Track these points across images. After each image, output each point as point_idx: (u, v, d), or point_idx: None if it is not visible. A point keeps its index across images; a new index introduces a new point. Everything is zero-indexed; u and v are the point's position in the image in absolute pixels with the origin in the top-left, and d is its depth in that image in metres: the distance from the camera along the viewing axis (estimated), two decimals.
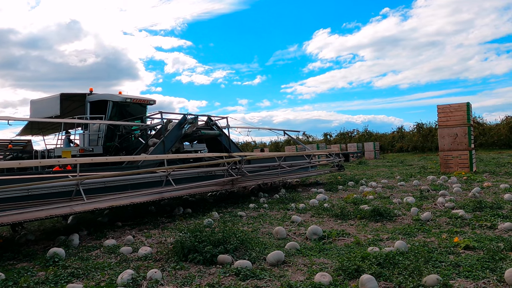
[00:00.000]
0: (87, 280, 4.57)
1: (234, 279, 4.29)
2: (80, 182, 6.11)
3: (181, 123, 10.21)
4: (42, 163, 6.11)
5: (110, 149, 11.25)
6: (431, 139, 38.33)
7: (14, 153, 12.56)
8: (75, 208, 5.71)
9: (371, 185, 11.87)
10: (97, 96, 11.85)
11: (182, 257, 5.05)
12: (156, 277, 4.40)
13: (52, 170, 7.46)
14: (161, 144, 9.41)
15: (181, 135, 10.25)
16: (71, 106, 12.06)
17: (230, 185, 9.29)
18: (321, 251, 5.19)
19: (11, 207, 5.44)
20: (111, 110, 11.45)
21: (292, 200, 9.61)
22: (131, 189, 6.92)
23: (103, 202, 6.28)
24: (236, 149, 12.14)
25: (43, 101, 11.82)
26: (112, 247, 5.96)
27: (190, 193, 8.32)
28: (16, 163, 6.28)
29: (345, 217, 7.23)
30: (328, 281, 3.89)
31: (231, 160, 9.40)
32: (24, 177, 5.93)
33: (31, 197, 5.77)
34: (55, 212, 5.56)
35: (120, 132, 11.56)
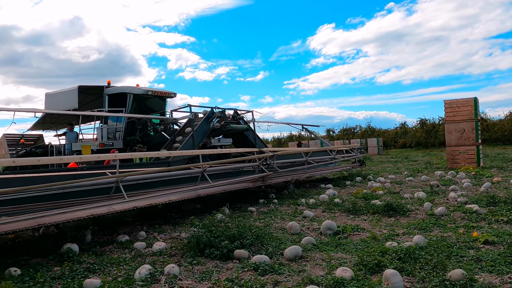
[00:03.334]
0: (103, 275, 4.54)
1: (253, 274, 4.25)
2: (120, 179, 5.90)
3: (209, 117, 9.89)
4: (82, 159, 5.92)
5: (131, 143, 10.90)
6: (435, 135, 38.22)
7: (26, 148, 12.41)
8: (115, 207, 5.48)
9: (379, 180, 11.81)
10: (116, 89, 11.50)
11: (198, 252, 5.02)
12: (174, 272, 4.36)
13: (67, 168, 7.29)
14: (190, 139, 9.13)
15: (209, 130, 9.94)
16: (87, 99, 11.72)
17: (261, 181, 9.00)
18: (337, 246, 5.15)
19: (49, 207, 5.28)
20: (131, 103, 11.11)
21: (302, 196, 9.55)
22: (162, 186, 6.78)
23: (142, 200, 5.98)
24: (261, 144, 11.93)
25: (60, 94, 11.53)
26: (125, 242, 5.92)
27: (224, 190, 7.96)
28: (57, 159, 6.14)
29: (357, 212, 7.18)
30: (350, 276, 3.84)
31: (263, 156, 9.18)
32: (61, 174, 5.68)
33: (66, 195, 5.58)
34: (96, 212, 5.32)
35: (140, 126, 11.24)
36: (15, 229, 4.26)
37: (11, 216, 4.73)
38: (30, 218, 4.58)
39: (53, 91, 11.93)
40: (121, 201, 5.73)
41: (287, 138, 46.62)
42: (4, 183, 4.87)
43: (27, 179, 5.17)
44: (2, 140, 12.64)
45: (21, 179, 5.10)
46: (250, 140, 11.28)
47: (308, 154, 11.65)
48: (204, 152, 7.75)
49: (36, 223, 4.51)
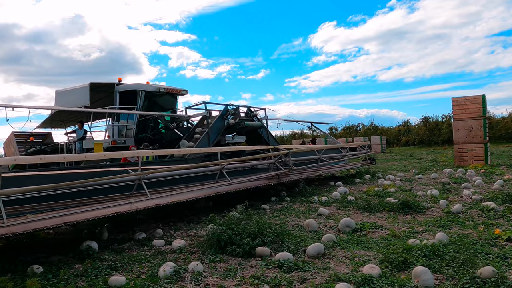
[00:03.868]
0: (126, 273, 4.53)
1: (278, 271, 4.24)
2: (142, 177, 5.83)
3: (223, 114, 9.81)
4: (106, 156, 5.88)
5: (143, 141, 10.76)
6: (438, 132, 38.20)
7: (36, 145, 12.36)
8: (137, 204, 5.42)
9: (389, 178, 11.80)
10: (127, 86, 11.41)
11: (219, 249, 5.01)
12: (198, 269, 4.35)
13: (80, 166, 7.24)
14: (205, 136, 9.03)
15: (224, 127, 9.85)
16: (97, 96, 11.56)
17: (276, 179, 8.93)
18: (358, 243, 5.14)
19: (72, 204, 5.24)
20: (143, 101, 11.01)
21: (313, 193, 9.54)
22: (179, 184, 6.72)
23: (163, 198, 5.95)
24: (274, 141, 11.84)
25: (71, 92, 11.44)
26: (142, 240, 5.91)
27: (242, 187, 7.88)
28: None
29: (372, 210, 7.17)
30: (378, 273, 3.83)
31: (279, 153, 9.13)
32: (82, 171, 5.62)
33: (87, 192, 5.52)
34: (119, 210, 5.25)
35: (152, 123, 11.13)
36: (41, 227, 4.22)
37: (35, 214, 4.70)
38: (56, 216, 4.53)
39: (63, 89, 11.85)
40: (142, 199, 5.68)
41: (290, 136, 46.58)
42: (24, 181, 4.83)
43: (48, 177, 5.15)
44: (11, 137, 12.61)
45: (42, 177, 5.07)
46: (263, 137, 11.17)
47: (321, 152, 11.57)
48: (223, 150, 7.67)
49: (62, 221, 4.48)
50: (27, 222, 4.23)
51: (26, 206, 4.78)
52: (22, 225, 4.15)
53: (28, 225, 4.18)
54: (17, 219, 4.28)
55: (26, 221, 4.25)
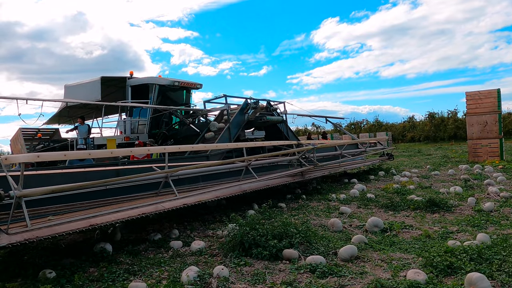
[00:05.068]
0: (145, 278, 4.21)
1: (311, 276, 3.91)
2: (169, 175, 5.50)
3: (243, 108, 9.40)
4: (133, 152, 5.49)
5: (157, 136, 10.38)
6: (444, 128, 37.89)
7: (44, 142, 11.97)
8: (164, 204, 5.07)
9: (405, 174, 11.46)
10: (140, 80, 10.94)
11: (242, 251, 4.68)
12: (224, 274, 4.02)
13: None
14: (226, 131, 8.65)
15: (244, 122, 9.46)
16: (107, 91, 11.08)
17: (300, 176, 8.52)
18: (392, 245, 4.81)
19: (93, 205, 4.92)
20: (157, 95, 10.54)
21: (329, 191, 9.20)
22: (201, 181, 6.36)
23: (190, 197, 5.62)
24: (294, 137, 11.42)
25: (81, 86, 11.00)
26: (158, 241, 5.58)
27: (267, 185, 7.45)
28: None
29: (397, 208, 6.84)
30: (424, 279, 3.50)
31: (304, 149, 8.75)
32: (103, 169, 5.27)
33: (109, 192, 5.19)
34: (146, 210, 4.90)
35: (166, 118, 10.67)
36: (67, 231, 3.86)
37: (57, 216, 4.36)
38: (82, 219, 4.20)
39: (73, 83, 11.42)
40: (170, 198, 5.34)
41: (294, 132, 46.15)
42: (43, 180, 4.46)
43: (68, 175, 4.79)
44: (18, 134, 12.26)
45: (62, 175, 4.71)
46: (283, 132, 10.77)
47: (343, 147, 11.19)
48: (248, 145, 7.25)
49: (88, 224, 4.13)
50: (52, 225, 3.89)
51: (47, 207, 4.42)
52: (47, 228, 3.82)
53: (54, 229, 3.84)
54: (39, 221, 3.93)
55: (51, 225, 3.91)
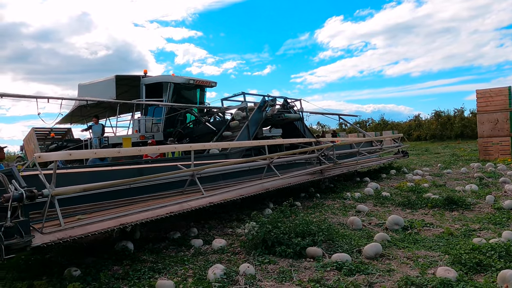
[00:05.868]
0: (170, 276, 4.22)
1: (337, 274, 3.90)
2: (195, 173, 5.46)
3: (261, 106, 9.31)
4: (160, 150, 5.45)
5: (172, 135, 10.26)
6: (450, 127, 37.64)
7: (57, 142, 11.99)
8: (190, 203, 5.04)
9: (417, 173, 11.41)
10: (154, 79, 10.86)
11: (265, 249, 4.68)
12: (250, 272, 4.02)
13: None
14: (245, 129, 8.58)
15: (262, 119, 9.37)
16: (120, 90, 10.99)
17: (319, 173, 8.45)
18: (415, 242, 4.78)
19: (120, 203, 4.89)
20: (172, 93, 10.45)
21: (342, 189, 9.17)
22: (220, 180, 6.34)
23: (216, 195, 5.57)
24: (310, 134, 11.31)
25: (96, 85, 10.99)
26: (178, 239, 5.59)
27: (289, 183, 7.36)
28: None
29: (414, 206, 6.81)
30: (455, 276, 3.48)
31: (324, 147, 8.68)
32: (127, 167, 5.20)
33: (133, 191, 5.14)
34: (173, 209, 4.84)
35: (181, 117, 10.61)
36: (99, 230, 3.86)
37: (85, 215, 4.36)
38: (111, 218, 4.18)
39: (86, 82, 11.45)
40: (196, 197, 5.32)
41: None
42: (71, 178, 4.45)
43: (93, 174, 4.79)
44: (31, 134, 12.32)
45: (88, 174, 4.70)
46: (300, 130, 10.69)
47: (360, 145, 11.11)
48: (270, 142, 7.20)
49: (118, 223, 4.12)
50: (84, 225, 3.89)
51: (73, 207, 4.41)
52: (79, 228, 3.81)
53: (86, 228, 3.83)
54: (69, 221, 3.93)
55: (83, 224, 3.91)
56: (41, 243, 3.33)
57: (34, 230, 3.55)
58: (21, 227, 3.16)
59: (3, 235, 3.03)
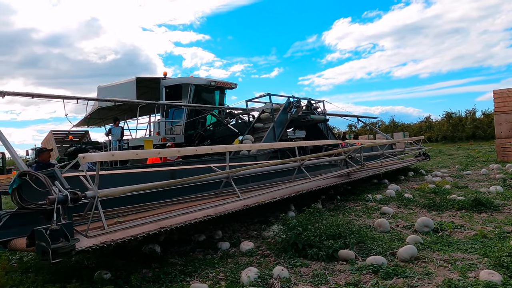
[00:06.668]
0: (201, 279, 4.16)
1: (374, 277, 3.81)
2: (231, 175, 5.39)
3: (286, 107, 9.19)
4: (181, 152, 5.38)
5: (193, 137, 10.21)
6: (462, 128, 37.27)
7: (76, 144, 12.02)
8: (226, 206, 4.96)
9: (436, 174, 11.26)
10: (175, 80, 10.77)
11: (295, 252, 4.60)
12: (284, 275, 3.95)
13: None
14: (271, 131, 8.46)
15: (288, 121, 9.24)
16: (140, 91, 10.91)
17: (345, 176, 8.25)
18: (449, 245, 4.67)
19: (157, 206, 4.85)
20: (193, 95, 10.33)
21: (361, 191, 9.05)
22: (250, 182, 6.27)
23: (249, 198, 5.47)
24: (333, 136, 11.19)
25: (116, 87, 10.95)
26: (203, 242, 5.55)
27: (318, 186, 7.19)
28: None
29: (440, 208, 6.68)
30: (499, 279, 3.37)
31: (352, 149, 8.56)
32: (159, 170, 5.19)
33: (166, 193, 5.05)
34: (210, 212, 4.74)
35: (202, 119, 10.50)
36: (140, 234, 3.79)
37: (123, 217, 4.31)
38: (151, 221, 4.12)
39: (106, 84, 11.42)
40: (232, 199, 5.27)
41: None
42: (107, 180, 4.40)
43: (128, 176, 4.76)
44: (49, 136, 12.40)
45: (119, 176, 4.67)
46: (323, 132, 10.58)
47: (385, 147, 10.97)
48: (300, 144, 7.12)
49: (158, 226, 4.05)
50: (126, 228, 3.84)
51: (111, 209, 4.37)
52: (121, 231, 3.75)
53: (127, 232, 3.76)
54: (109, 224, 3.86)
55: (124, 227, 3.86)
56: (85, 246, 3.27)
57: (77, 233, 3.50)
58: (66, 230, 3.10)
59: (49, 238, 2.97)
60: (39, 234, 3.06)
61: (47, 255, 2.96)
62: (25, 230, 3.59)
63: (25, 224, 3.71)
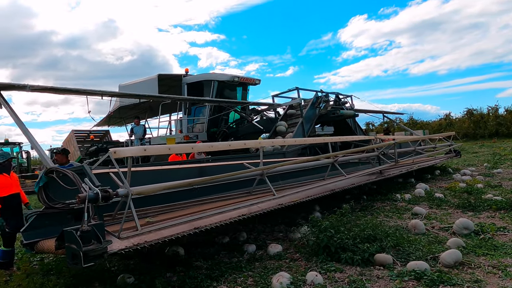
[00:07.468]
0: (229, 284, 3.93)
1: (417, 284, 3.51)
2: (265, 172, 5.15)
3: (314, 102, 8.91)
4: (213, 147, 5.15)
5: (216, 135, 9.95)
6: (484, 125, 36.17)
7: (97, 144, 11.97)
8: (260, 205, 4.72)
9: (464, 173, 10.77)
10: (196, 77, 10.55)
11: (327, 256, 4.32)
12: (318, 281, 3.68)
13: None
14: (300, 126, 8.16)
15: (316, 116, 8.94)
16: (161, 89, 10.56)
17: (378, 174, 7.82)
18: (495, 249, 4.32)
19: (187, 205, 4.63)
20: (216, 92, 10.05)
21: (388, 191, 8.67)
22: (279, 179, 6.01)
23: (283, 197, 5.26)
24: (361, 132, 10.82)
25: (138, 84, 10.79)
26: (228, 244, 5.33)
27: (352, 184, 6.86)
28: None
29: (476, 209, 6.30)
30: None
31: (385, 145, 8.22)
32: (188, 166, 4.95)
33: (197, 191, 4.81)
34: (243, 212, 4.49)
35: (226, 116, 10.23)
36: (174, 235, 3.57)
37: (154, 217, 4.11)
38: (184, 222, 3.93)
39: (127, 82, 11.32)
40: (266, 198, 5.02)
41: None
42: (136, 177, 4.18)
43: (152, 173, 4.56)
44: (71, 136, 12.41)
45: (148, 173, 4.46)
46: (352, 128, 10.24)
47: (417, 143, 10.52)
48: (333, 140, 6.75)
49: (192, 227, 3.84)
50: (159, 229, 3.63)
51: (139, 208, 4.14)
52: (154, 232, 3.54)
53: (161, 233, 3.55)
54: (142, 224, 3.65)
55: (157, 228, 3.65)
56: (118, 249, 3.04)
57: (108, 234, 3.29)
58: (97, 231, 2.87)
59: (80, 240, 2.73)
60: (69, 235, 2.83)
61: (78, 259, 2.72)
62: (53, 231, 3.41)
63: (53, 225, 3.52)
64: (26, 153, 16.11)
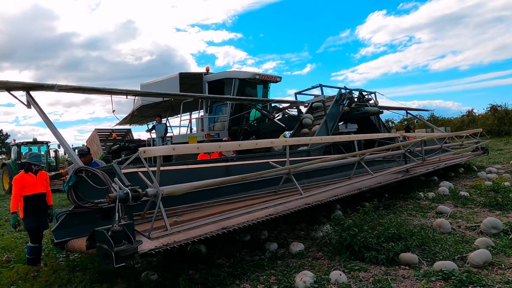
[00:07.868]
0: (251, 282, 3.92)
1: (445, 285, 3.42)
2: (292, 171, 5.13)
3: (338, 99, 8.81)
4: (241, 146, 5.14)
5: (238, 133, 9.90)
6: (509, 122, 35.12)
7: (119, 142, 12.17)
8: (287, 205, 4.69)
9: (490, 171, 10.47)
10: (217, 75, 10.48)
11: (351, 255, 4.27)
12: (342, 280, 3.63)
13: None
14: (324, 124, 8.08)
15: (340, 114, 8.85)
16: (182, 87, 10.48)
17: (404, 172, 7.66)
18: None
19: (213, 204, 4.65)
20: (237, 89, 9.94)
21: (410, 189, 8.49)
22: (304, 178, 5.98)
23: (310, 197, 5.16)
24: (385, 129, 10.65)
25: (159, 83, 10.84)
26: (248, 242, 5.32)
27: (379, 182, 6.70)
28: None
29: (504, 207, 6.12)
30: None
31: (413, 142, 8.06)
32: (213, 165, 4.98)
33: (222, 190, 4.84)
34: (270, 212, 4.46)
35: (247, 114, 10.15)
36: (202, 235, 3.58)
37: (181, 217, 4.15)
38: (213, 222, 3.93)
39: (149, 81, 11.43)
40: (293, 197, 4.99)
41: None
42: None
43: (178, 172, 4.59)
44: (94, 135, 12.70)
45: (172, 172, 4.49)
46: (376, 125, 10.08)
47: (443, 140, 10.29)
48: (359, 138, 6.58)
49: (220, 227, 3.85)
50: (187, 229, 3.64)
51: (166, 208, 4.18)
52: (183, 232, 3.55)
53: (189, 233, 3.57)
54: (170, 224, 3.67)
55: (186, 228, 3.66)
56: (148, 249, 3.06)
57: (138, 234, 3.31)
58: (128, 231, 2.89)
59: (112, 240, 2.75)
60: (100, 235, 2.85)
61: (110, 259, 2.74)
62: (82, 230, 3.47)
63: (82, 224, 3.57)
64: (54, 151, 16.38)
